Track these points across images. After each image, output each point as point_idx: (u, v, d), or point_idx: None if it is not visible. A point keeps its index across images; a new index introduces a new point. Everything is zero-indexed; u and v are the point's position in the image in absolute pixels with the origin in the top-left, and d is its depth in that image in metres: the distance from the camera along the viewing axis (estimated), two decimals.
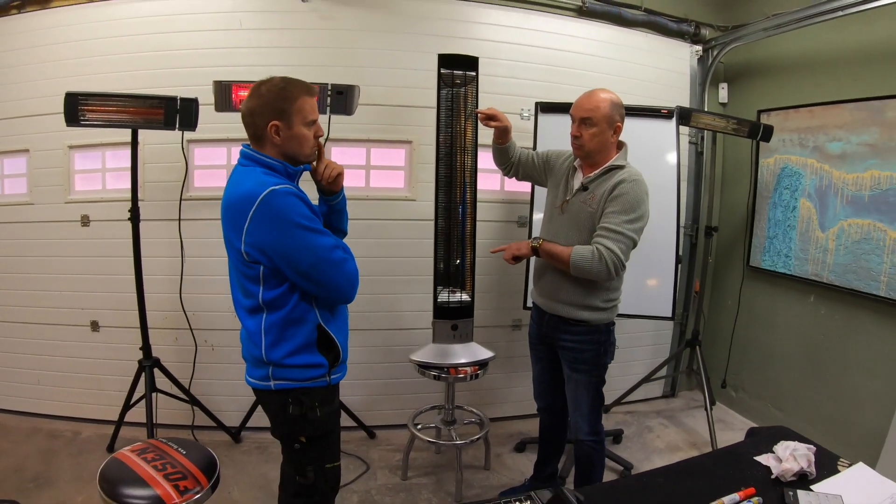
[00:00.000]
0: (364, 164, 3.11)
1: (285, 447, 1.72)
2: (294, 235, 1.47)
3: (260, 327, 1.57)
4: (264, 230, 1.46)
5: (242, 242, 1.48)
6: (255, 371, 1.63)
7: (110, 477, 1.61)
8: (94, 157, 3.03)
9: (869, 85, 2.78)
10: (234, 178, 1.57)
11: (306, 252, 1.49)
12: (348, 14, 2.97)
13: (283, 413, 1.61)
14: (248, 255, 1.49)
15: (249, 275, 1.54)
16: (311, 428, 1.63)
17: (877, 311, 2.77)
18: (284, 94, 1.52)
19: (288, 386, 1.59)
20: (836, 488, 1.37)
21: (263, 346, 1.57)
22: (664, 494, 1.35)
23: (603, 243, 1.95)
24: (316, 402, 1.61)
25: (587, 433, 2.25)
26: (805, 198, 3.12)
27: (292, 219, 1.46)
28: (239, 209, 1.47)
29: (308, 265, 1.50)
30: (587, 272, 1.99)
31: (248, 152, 1.58)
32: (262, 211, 1.44)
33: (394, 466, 2.89)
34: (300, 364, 1.58)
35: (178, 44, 2.91)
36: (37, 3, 2.97)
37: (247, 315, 1.60)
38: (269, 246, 1.47)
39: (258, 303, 1.55)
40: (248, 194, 1.45)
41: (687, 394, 3.91)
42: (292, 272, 1.51)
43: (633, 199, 1.98)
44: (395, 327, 3.21)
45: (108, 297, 3.06)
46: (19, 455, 2.81)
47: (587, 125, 2.05)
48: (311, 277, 1.52)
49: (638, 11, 3.39)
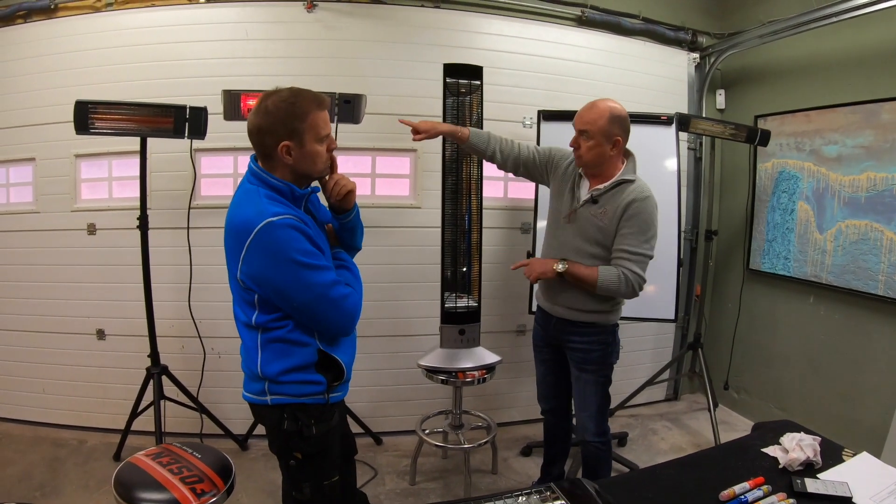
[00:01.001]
0: (370, 173, 3.15)
1: (281, 463, 1.66)
2: (289, 271, 1.40)
3: (256, 343, 1.52)
4: (259, 263, 1.40)
5: (238, 270, 1.44)
6: (251, 385, 1.59)
7: (125, 481, 1.60)
8: (101, 166, 3.06)
9: (863, 88, 2.84)
10: (238, 197, 1.51)
11: (303, 289, 1.43)
12: (353, 24, 3.02)
13: (279, 428, 1.56)
14: (244, 283, 1.46)
15: (246, 298, 1.50)
16: (306, 445, 1.57)
17: (876, 309, 2.81)
18: (294, 110, 1.43)
19: (283, 401, 1.53)
20: (841, 476, 1.41)
21: (259, 362, 1.52)
22: (675, 485, 1.38)
23: (626, 266, 2.01)
24: (312, 419, 1.54)
25: (594, 433, 2.27)
26: (803, 200, 3.17)
27: (288, 255, 1.39)
28: (236, 236, 1.42)
29: (303, 302, 1.44)
30: (614, 293, 2.07)
31: (256, 171, 1.50)
32: (258, 243, 1.38)
33: (402, 472, 2.90)
34: (296, 381, 1.53)
35: (183, 54, 2.96)
36: (42, 13, 3.01)
37: (245, 330, 1.56)
38: (264, 279, 1.42)
39: (248, 321, 1.52)
40: (246, 223, 1.39)
41: (690, 396, 3.94)
42: (287, 306, 1.46)
43: (646, 218, 2.03)
44: (401, 333, 3.23)
45: (114, 306, 3.07)
46: (25, 464, 2.81)
47: (584, 137, 2.06)
48: (306, 314, 1.48)
49: (636, 20, 3.46)
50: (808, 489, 1.34)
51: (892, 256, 2.71)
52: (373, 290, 3.18)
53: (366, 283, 3.17)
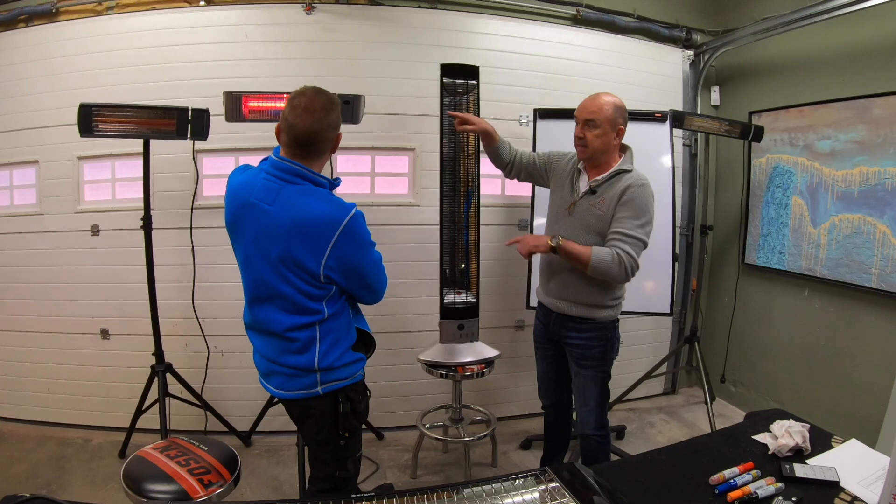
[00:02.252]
0: (369, 172, 3.19)
1: (326, 448, 1.73)
2: (369, 253, 1.61)
3: (314, 338, 1.61)
4: (350, 250, 1.54)
5: (322, 265, 1.51)
6: (298, 382, 1.64)
7: (134, 474, 1.64)
8: (104, 168, 3.09)
9: (855, 84, 2.88)
10: (290, 198, 1.52)
11: (375, 265, 1.65)
12: (351, 26, 3.06)
13: (334, 413, 1.67)
14: (326, 276, 1.54)
15: (316, 294, 1.57)
16: (357, 420, 1.73)
17: (869, 302, 2.86)
18: (333, 102, 1.58)
19: (336, 387, 1.66)
20: (830, 462, 1.44)
21: (317, 355, 1.61)
22: (667, 470, 1.42)
23: (620, 247, 2.02)
24: (360, 395, 1.73)
25: (594, 427, 2.31)
26: (797, 195, 3.21)
27: (367, 238, 1.59)
28: (320, 232, 1.50)
29: (373, 277, 1.66)
30: (606, 274, 2.05)
31: (295, 168, 1.54)
32: (349, 234, 1.52)
33: (403, 466, 2.94)
34: (347, 362, 1.67)
35: (184, 56, 2.99)
36: (44, 17, 3.04)
37: (299, 330, 1.60)
38: (352, 265, 1.57)
39: (320, 317, 1.60)
40: (331, 217, 1.50)
41: (687, 390, 3.98)
42: (359, 285, 1.64)
43: (642, 203, 2.06)
44: (402, 330, 3.26)
45: (118, 306, 3.11)
46: (31, 462, 2.85)
47: (591, 126, 2.11)
48: (373, 287, 1.68)
49: (631, 19, 3.50)
50: (796, 474, 1.38)
51: (884, 250, 2.75)
52: None
53: None
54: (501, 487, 1.16)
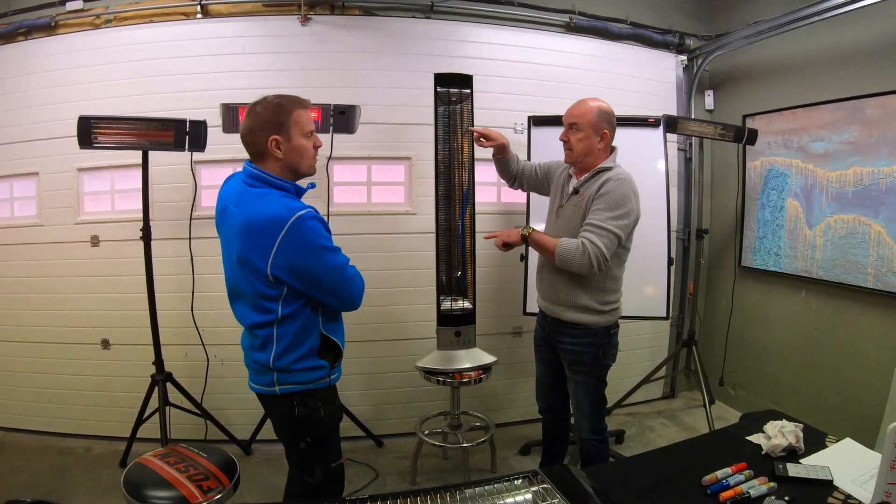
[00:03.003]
0: (365, 181, 3.22)
1: (291, 449, 1.79)
2: (319, 256, 1.58)
3: (272, 337, 1.64)
4: (294, 252, 1.53)
5: (269, 265, 1.54)
6: (260, 378, 1.71)
7: (134, 480, 1.64)
8: (103, 179, 3.13)
9: (847, 85, 2.91)
10: (248, 199, 1.60)
11: (329, 270, 1.61)
12: (346, 36, 3.10)
13: (290, 415, 1.69)
14: (275, 277, 1.56)
15: (269, 294, 1.60)
16: (317, 427, 1.71)
17: (866, 301, 2.86)
18: (280, 108, 1.60)
19: (293, 389, 1.68)
20: (823, 461, 1.45)
21: (273, 355, 1.64)
22: (662, 470, 1.44)
23: (587, 237, 2.03)
24: (319, 402, 1.69)
25: (589, 431, 2.32)
26: (792, 197, 3.23)
27: (317, 241, 1.56)
28: (265, 232, 1.53)
29: (331, 282, 1.62)
30: (570, 264, 2.06)
31: (256, 173, 1.63)
32: (293, 235, 1.52)
33: (402, 472, 2.95)
34: (304, 368, 1.67)
35: (182, 68, 3.03)
36: (43, 30, 3.09)
37: (258, 328, 1.66)
38: (298, 267, 1.56)
39: (274, 317, 1.62)
40: (276, 218, 1.52)
41: (686, 394, 3.98)
42: (316, 289, 1.62)
43: (618, 196, 2.06)
44: (399, 337, 3.28)
45: (118, 316, 3.13)
46: (32, 472, 2.86)
47: (574, 130, 2.17)
48: (333, 293, 1.65)
49: (624, 25, 3.53)
50: (789, 473, 1.39)
51: (880, 249, 2.76)
52: (370, 295, 3.19)
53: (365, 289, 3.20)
54: (494, 489, 1.18)
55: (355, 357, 3.25)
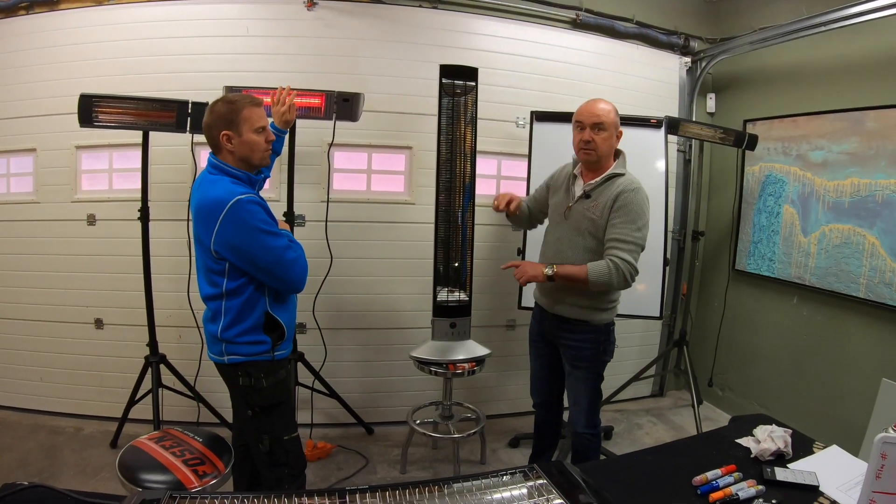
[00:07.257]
0: (366, 169, 3.21)
1: (237, 414, 2.04)
2: (255, 237, 1.72)
3: (220, 311, 1.81)
4: (232, 232, 1.70)
5: (212, 242, 1.72)
6: (213, 347, 1.89)
7: (129, 464, 1.65)
8: (101, 158, 3.10)
9: (849, 96, 2.92)
10: (204, 185, 1.80)
11: (266, 251, 1.75)
12: (352, 23, 3.07)
13: (236, 384, 1.86)
14: (217, 252, 1.73)
15: (215, 269, 1.78)
16: (260, 397, 1.86)
17: (857, 311, 2.90)
18: (232, 107, 1.77)
19: (238, 360, 1.83)
20: (810, 466, 1.48)
21: (221, 326, 1.80)
22: (652, 470, 1.46)
23: (617, 255, 2.05)
24: (262, 373, 1.84)
25: (584, 426, 2.34)
26: (788, 204, 3.26)
27: (254, 224, 1.71)
28: (210, 213, 1.70)
29: (267, 263, 1.76)
30: (607, 286, 2.09)
31: (215, 162, 1.82)
32: (230, 216, 1.68)
33: (392, 461, 2.97)
34: (248, 341, 1.82)
35: (184, 48, 3.00)
36: (45, 5, 3.03)
37: (210, 300, 1.84)
38: (236, 246, 1.72)
39: (221, 291, 1.79)
40: (219, 201, 1.69)
41: (675, 393, 4.03)
42: (253, 268, 1.76)
43: (637, 207, 2.09)
44: (394, 326, 3.29)
45: (112, 296, 3.12)
46: (22, 450, 2.85)
47: (598, 130, 2.13)
48: (269, 273, 1.78)
49: (630, 24, 3.53)
50: (777, 477, 1.42)
51: (873, 260, 2.79)
52: (367, 283, 3.26)
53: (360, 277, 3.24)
54: (490, 483, 1.19)
55: (348, 344, 3.27)
